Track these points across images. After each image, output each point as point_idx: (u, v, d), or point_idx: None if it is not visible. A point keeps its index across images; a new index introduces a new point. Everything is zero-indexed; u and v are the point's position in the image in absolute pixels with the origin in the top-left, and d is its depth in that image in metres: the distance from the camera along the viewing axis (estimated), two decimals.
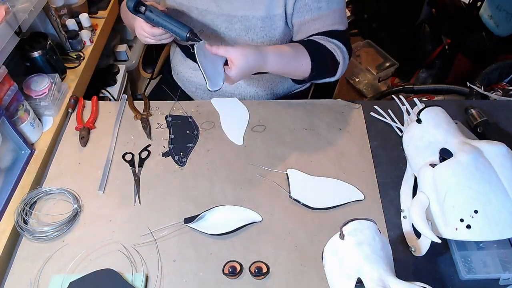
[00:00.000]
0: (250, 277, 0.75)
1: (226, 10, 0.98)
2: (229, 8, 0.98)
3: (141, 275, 0.75)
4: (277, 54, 0.90)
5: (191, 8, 1.01)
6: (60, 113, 1.05)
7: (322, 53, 0.95)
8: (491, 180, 0.70)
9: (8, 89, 0.91)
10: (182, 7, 1.02)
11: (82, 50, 1.29)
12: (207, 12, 1.00)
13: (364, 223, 0.66)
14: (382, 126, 1.02)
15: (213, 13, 0.99)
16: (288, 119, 1.02)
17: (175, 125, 1.02)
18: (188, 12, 1.02)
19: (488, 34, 1.80)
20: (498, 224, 0.68)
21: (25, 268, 0.77)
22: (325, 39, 0.97)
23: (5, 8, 0.90)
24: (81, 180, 0.90)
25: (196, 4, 1.00)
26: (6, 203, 0.86)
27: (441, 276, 0.75)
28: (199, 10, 1.00)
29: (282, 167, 0.92)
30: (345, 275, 0.62)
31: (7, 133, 0.89)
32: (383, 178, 0.90)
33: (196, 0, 1.00)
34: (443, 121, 0.83)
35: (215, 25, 1.01)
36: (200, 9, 1.00)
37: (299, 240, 0.80)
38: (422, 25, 2.12)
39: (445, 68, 2.06)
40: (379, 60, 2.31)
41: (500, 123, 1.01)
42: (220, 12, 0.99)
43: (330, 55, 0.96)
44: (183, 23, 0.86)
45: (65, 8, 1.31)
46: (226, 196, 0.87)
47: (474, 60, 1.91)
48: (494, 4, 1.73)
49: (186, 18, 1.02)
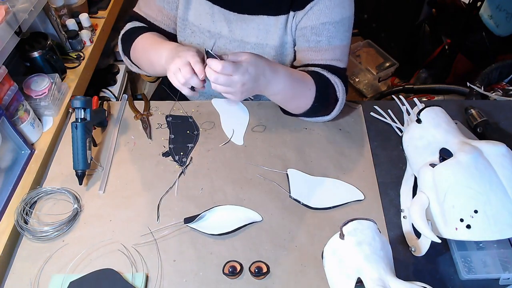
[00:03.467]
0: (250, 277, 0.75)
1: (239, 36, 0.96)
2: (242, 34, 0.96)
3: (141, 275, 0.75)
4: (287, 71, 0.86)
5: (203, 30, 0.98)
6: (60, 113, 1.05)
7: (326, 85, 0.91)
8: (491, 180, 0.70)
9: (8, 89, 0.91)
10: (194, 28, 0.99)
11: (82, 50, 1.29)
12: (220, 36, 0.98)
13: (364, 223, 0.66)
14: (382, 126, 1.02)
15: (225, 37, 0.97)
16: (288, 119, 1.02)
17: (175, 125, 1.02)
18: (200, 34, 0.99)
19: (488, 34, 1.80)
20: (498, 224, 0.68)
21: (25, 267, 0.77)
22: (327, 72, 0.92)
23: (5, 8, 0.90)
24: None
25: (208, 27, 0.98)
26: (6, 203, 0.86)
27: (441, 276, 0.75)
28: (211, 33, 0.98)
29: (282, 167, 0.92)
30: (345, 275, 0.62)
31: (7, 133, 0.89)
32: (383, 178, 0.90)
33: (208, 23, 0.97)
34: (443, 121, 0.83)
35: (227, 50, 0.99)
36: (212, 32, 0.98)
37: (299, 240, 0.80)
38: (422, 25, 2.12)
39: (445, 68, 2.06)
40: (379, 60, 2.31)
41: (500, 123, 1.01)
42: (232, 37, 0.97)
43: (333, 89, 0.92)
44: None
45: (65, 8, 1.31)
46: (226, 196, 0.87)
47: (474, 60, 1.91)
48: (494, 4, 1.73)
49: (198, 40, 1.00)
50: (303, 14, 0.90)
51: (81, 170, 0.87)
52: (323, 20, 0.89)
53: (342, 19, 0.90)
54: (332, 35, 0.91)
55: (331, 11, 0.89)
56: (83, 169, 0.87)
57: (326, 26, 0.90)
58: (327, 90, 0.91)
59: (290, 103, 0.93)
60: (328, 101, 0.93)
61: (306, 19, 0.91)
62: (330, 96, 0.92)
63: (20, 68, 1.15)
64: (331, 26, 0.90)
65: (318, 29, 0.90)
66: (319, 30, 0.90)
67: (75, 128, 0.86)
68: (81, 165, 0.86)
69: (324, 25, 0.90)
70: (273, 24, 0.94)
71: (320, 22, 0.90)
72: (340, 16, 0.90)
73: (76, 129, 0.86)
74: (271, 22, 0.93)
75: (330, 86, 0.91)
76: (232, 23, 0.96)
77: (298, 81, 0.88)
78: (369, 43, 2.37)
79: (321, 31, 0.90)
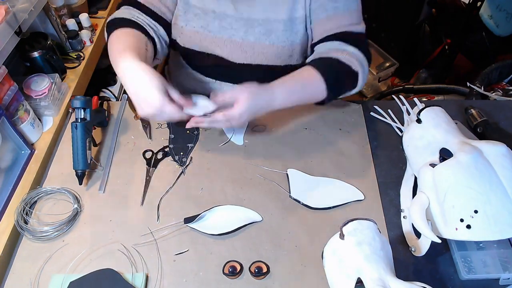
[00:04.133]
0: (250, 277, 0.75)
1: (245, 14, 0.94)
2: (249, 11, 0.94)
3: (141, 275, 0.75)
4: (285, 89, 0.85)
5: (207, 11, 0.96)
6: (60, 113, 1.05)
7: (336, 71, 0.89)
8: (491, 180, 0.70)
9: (8, 89, 0.91)
10: (197, 10, 0.96)
11: (82, 50, 1.29)
12: (225, 15, 0.95)
13: (364, 223, 0.66)
14: (382, 126, 1.02)
15: (231, 16, 0.95)
16: (288, 119, 1.02)
17: (175, 125, 1.02)
18: (204, 16, 0.96)
19: (488, 34, 1.80)
20: (498, 224, 0.68)
21: (25, 267, 0.77)
22: (338, 49, 0.91)
23: (5, 8, 0.90)
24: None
25: (212, 6, 0.95)
26: (6, 203, 0.86)
27: (441, 276, 0.75)
28: (216, 13, 0.95)
29: (282, 167, 0.92)
30: (345, 275, 0.62)
31: (7, 133, 0.89)
32: (383, 178, 0.90)
33: (212, 3, 0.95)
34: (443, 121, 0.83)
35: (233, 29, 0.96)
36: (217, 12, 0.95)
37: (299, 240, 0.80)
38: (422, 25, 2.12)
39: (445, 68, 2.06)
40: (379, 60, 2.31)
41: (500, 123, 1.01)
42: (239, 15, 0.95)
43: (346, 70, 0.89)
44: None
45: (65, 8, 1.31)
46: (226, 196, 0.87)
47: (474, 60, 1.92)
48: (494, 4, 1.73)
49: (202, 22, 0.97)
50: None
51: (81, 170, 0.87)
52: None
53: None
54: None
55: None
56: (83, 169, 0.87)
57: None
58: (339, 75, 0.89)
59: (306, 100, 0.91)
60: (344, 84, 0.92)
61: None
62: (344, 80, 0.90)
63: (20, 68, 1.15)
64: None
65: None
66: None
67: (75, 128, 0.86)
68: (81, 165, 0.86)
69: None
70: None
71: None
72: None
73: (76, 129, 0.86)
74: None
75: (341, 69, 0.89)
76: (238, 1, 0.94)
77: (302, 78, 0.87)
78: (369, 43, 2.37)
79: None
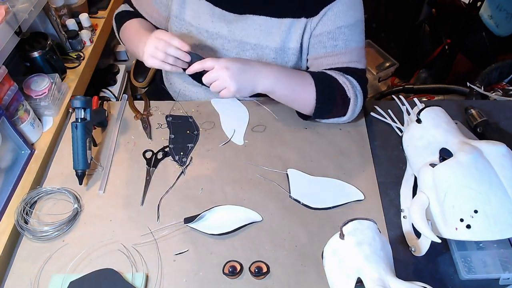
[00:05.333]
0: (250, 277, 0.75)
1: (238, 36, 0.95)
2: (242, 34, 0.95)
3: (141, 275, 0.75)
4: (272, 72, 0.87)
5: (201, 30, 0.97)
6: (60, 113, 1.05)
7: (329, 84, 0.90)
8: (491, 180, 0.70)
9: (8, 89, 0.91)
10: (191, 28, 0.98)
11: (82, 50, 1.29)
12: (218, 36, 0.96)
13: (364, 223, 0.66)
14: (382, 126, 1.02)
15: (224, 37, 0.96)
16: (288, 119, 1.02)
17: (175, 125, 1.02)
18: (197, 35, 0.98)
19: (488, 34, 1.80)
20: (498, 224, 0.68)
21: (25, 267, 0.77)
22: (338, 73, 0.92)
23: (5, 8, 0.90)
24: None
25: (206, 26, 0.96)
26: (6, 203, 0.86)
27: (441, 276, 0.75)
28: (209, 33, 0.97)
29: (282, 167, 0.92)
30: (345, 275, 0.62)
31: (7, 133, 0.89)
32: (383, 178, 0.90)
33: (206, 23, 0.96)
34: (443, 121, 0.83)
35: (225, 49, 0.98)
36: (211, 32, 0.97)
37: (299, 240, 0.80)
38: (422, 25, 2.12)
39: (445, 68, 2.06)
40: (379, 60, 2.31)
41: (500, 123, 1.01)
42: (232, 37, 0.96)
43: (339, 89, 0.90)
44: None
45: (65, 8, 1.31)
46: (226, 196, 0.87)
47: (474, 60, 1.91)
48: (494, 4, 1.73)
49: (195, 41, 0.99)
50: (318, 19, 0.90)
51: (81, 170, 0.87)
52: (339, 24, 0.90)
53: (356, 22, 0.92)
54: (348, 38, 0.91)
55: (345, 15, 0.90)
56: (83, 169, 0.87)
57: (342, 29, 0.90)
58: (331, 90, 0.90)
59: (294, 99, 0.92)
60: (334, 101, 0.91)
61: (322, 25, 0.91)
62: (335, 97, 0.91)
63: (20, 68, 1.15)
64: (347, 29, 0.91)
65: (335, 34, 0.91)
66: (336, 34, 0.91)
67: (75, 128, 0.86)
68: (81, 165, 0.86)
69: (340, 29, 0.90)
70: (276, 26, 0.93)
71: (336, 26, 0.90)
72: (354, 19, 0.91)
73: (76, 129, 0.86)
74: (273, 23, 0.93)
75: (335, 86, 0.90)
76: (232, 23, 0.95)
77: (294, 74, 0.89)
78: (369, 43, 2.37)
79: (337, 35, 0.91)
